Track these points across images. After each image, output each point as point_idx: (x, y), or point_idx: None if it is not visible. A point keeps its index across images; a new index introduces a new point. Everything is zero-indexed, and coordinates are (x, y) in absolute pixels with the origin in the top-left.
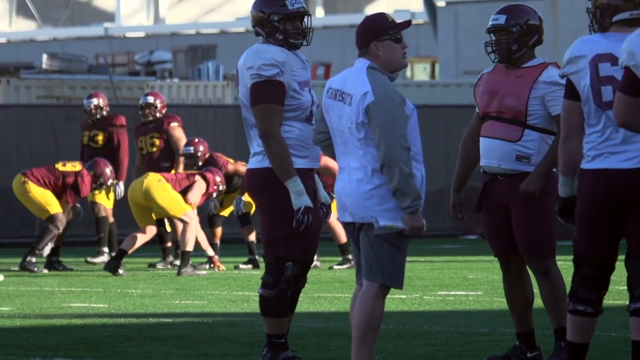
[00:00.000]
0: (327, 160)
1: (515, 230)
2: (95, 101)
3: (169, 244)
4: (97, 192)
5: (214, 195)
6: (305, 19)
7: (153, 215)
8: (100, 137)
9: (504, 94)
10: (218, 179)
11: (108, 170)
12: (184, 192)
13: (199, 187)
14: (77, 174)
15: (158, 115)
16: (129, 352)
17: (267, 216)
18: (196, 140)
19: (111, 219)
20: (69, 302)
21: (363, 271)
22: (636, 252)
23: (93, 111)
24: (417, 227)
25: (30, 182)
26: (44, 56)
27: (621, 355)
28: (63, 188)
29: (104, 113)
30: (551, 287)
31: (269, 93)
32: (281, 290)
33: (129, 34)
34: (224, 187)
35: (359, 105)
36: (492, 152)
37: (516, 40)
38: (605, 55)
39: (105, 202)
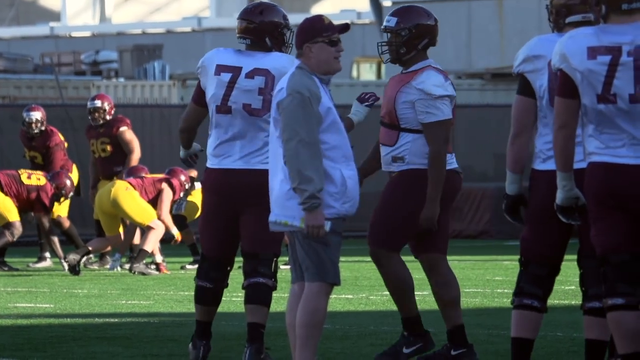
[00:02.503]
0: None
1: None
2: (37, 115)
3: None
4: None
5: (181, 194)
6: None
7: (120, 225)
8: (38, 159)
9: (388, 98)
10: (183, 178)
11: (69, 182)
12: (152, 200)
13: (168, 198)
14: (40, 188)
15: (107, 117)
16: (75, 352)
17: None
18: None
19: (67, 223)
20: (14, 302)
21: (303, 272)
22: (590, 251)
23: (33, 125)
24: (314, 226)
25: None
26: None
27: (567, 355)
28: (27, 201)
29: (42, 128)
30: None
31: None
32: (275, 284)
33: (75, 34)
34: (190, 185)
35: (274, 101)
36: (382, 158)
37: (404, 43)
38: None
39: (61, 211)
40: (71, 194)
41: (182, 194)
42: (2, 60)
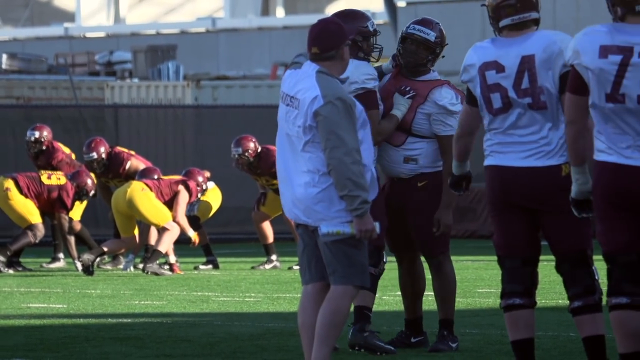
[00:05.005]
0: None
1: (413, 231)
2: (36, 134)
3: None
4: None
5: (199, 195)
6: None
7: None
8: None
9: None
10: (200, 179)
11: (90, 181)
12: (168, 202)
13: (183, 200)
14: (60, 187)
15: (105, 162)
16: (88, 352)
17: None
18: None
19: (79, 226)
20: (27, 302)
21: (328, 274)
22: (561, 255)
23: (32, 144)
24: (366, 230)
25: (13, 189)
26: (4, 56)
27: (580, 355)
28: (48, 201)
29: (43, 148)
30: (443, 280)
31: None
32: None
33: (89, 34)
34: (207, 185)
35: (308, 109)
36: (388, 156)
37: (434, 59)
38: (491, 63)
39: (74, 215)
40: (92, 192)
41: (199, 195)
42: (16, 61)
